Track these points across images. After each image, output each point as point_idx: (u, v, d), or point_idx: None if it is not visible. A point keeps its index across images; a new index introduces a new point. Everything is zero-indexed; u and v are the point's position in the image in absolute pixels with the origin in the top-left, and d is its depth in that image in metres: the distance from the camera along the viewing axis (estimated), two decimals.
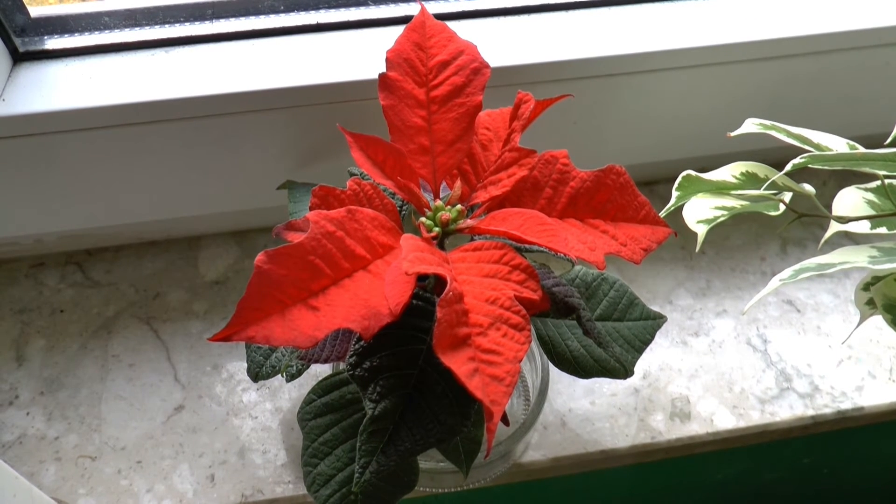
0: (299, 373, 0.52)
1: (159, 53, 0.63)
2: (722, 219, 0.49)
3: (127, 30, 0.64)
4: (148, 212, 0.70)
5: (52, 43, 0.63)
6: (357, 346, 0.44)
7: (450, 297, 0.38)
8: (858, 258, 0.41)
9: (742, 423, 0.65)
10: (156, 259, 0.75)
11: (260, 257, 0.38)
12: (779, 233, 0.77)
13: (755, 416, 0.65)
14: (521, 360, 0.39)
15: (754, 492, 0.96)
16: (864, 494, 1.04)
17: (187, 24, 0.64)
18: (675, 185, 0.51)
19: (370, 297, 0.40)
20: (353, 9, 0.65)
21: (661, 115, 0.70)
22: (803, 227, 0.78)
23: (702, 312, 0.72)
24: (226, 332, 0.38)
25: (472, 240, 0.46)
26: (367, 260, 0.41)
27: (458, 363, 0.37)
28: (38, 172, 0.63)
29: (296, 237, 0.42)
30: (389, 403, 0.43)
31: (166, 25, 0.64)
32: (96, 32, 0.63)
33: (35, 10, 0.63)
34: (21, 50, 0.62)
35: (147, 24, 0.64)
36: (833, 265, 0.41)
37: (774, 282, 0.42)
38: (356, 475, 0.43)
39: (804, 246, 0.77)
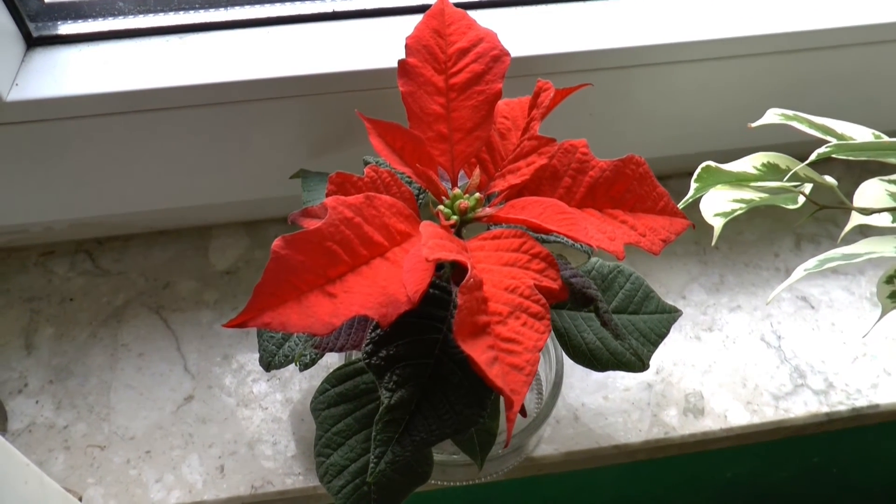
0: (313, 362, 0.51)
1: (174, 40, 0.63)
2: (739, 212, 0.48)
3: (141, 16, 0.63)
4: (159, 200, 0.70)
5: (66, 28, 0.62)
6: (374, 334, 0.43)
7: (470, 283, 0.37)
8: (885, 248, 0.40)
9: (756, 420, 0.64)
10: (166, 248, 0.74)
11: (277, 242, 0.37)
12: (799, 224, 0.76)
13: (769, 413, 0.65)
14: (540, 349, 0.38)
15: (764, 490, 0.95)
16: (874, 494, 1.03)
17: (202, 10, 0.64)
18: (694, 176, 0.50)
19: (388, 285, 0.39)
20: None
21: (679, 108, 0.70)
22: (817, 224, 0.77)
23: (715, 308, 0.71)
24: (241, 317, 0.37)
25: (488, 229, 0.45)
26: (385, 247, 0.41)
27: (477, 351, 0.37)
28: (50, 158, 0.63)
29: (312, 224, 0.42)
30: (406, 393, 0.42)
31: (181, 12, 0.63)
32: (110, 18, 0.63)
33: None
34: (35, 35, 0.62)
35: (161, 11, 0.63)
36: (859, 255, 0.40)
37: (799, 271, 0.41)
38: (371, 465, 0.42)
39: (818, 242, 0.76)
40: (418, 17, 0.50)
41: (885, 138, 0.44)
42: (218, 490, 0.60)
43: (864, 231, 0.70)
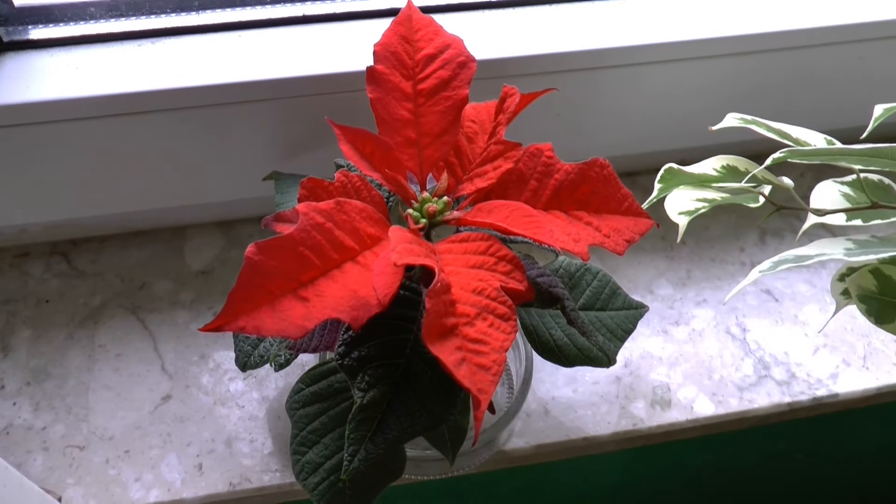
0: (287, 362, 0.52)
1: (146, 44, 0.63)
2: (703, 210, 0.50)
3: (113, 20, 0.64)
4: (133, 202, 0.70)
5: (37, 33, 0.63)
6: (346, 335, 0.44)
7: (438, 287, 0.38)
8: (835, 250, 0.42)
9: (721, 411, 0.66)
10: (142, 249, 0.75)
11: (250, 249, 0.38)
12: (758, 225, 0.78)
13: (734, 404, 0.67)
14: (507, 350, 0.40)
15: (731, 476, 0.98)
16: (836, 479, 1.06)
17: (173, 14, 0.64)
18: (658, 177, 0.52)
19: (359, 288, 0.40)
20: (339, 1, 0.66)
21: (644, 108, 0.71)
22: (781, 218, 0.79)
23: (682, 302, 0.73)
24: (217, 322, 0.38)
25: (457, 231, 0.47)
26: (356, 251, 0.42)
27: (445, 353, 0.38)
28: (23, 163, 0.63)
29: (285, 228, 0.43)
30: (378, 392, 0.44)
31: (152, 16, 0.64)
32: (82, 23, 0.63)
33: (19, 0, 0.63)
34: (5, 39, 0.62)
35: (133, 15, 0.64)
36: (810, 257, 0.42)
37: (754, 273, 0.43)
38: (345, 463, 0.43)
39: (782, 236, 0.78)
40: (388, 21, 0.51)
41: (838, 144, 0.46)
42: (196, 488, 0.61)
43: (825, 225, 0.72)
